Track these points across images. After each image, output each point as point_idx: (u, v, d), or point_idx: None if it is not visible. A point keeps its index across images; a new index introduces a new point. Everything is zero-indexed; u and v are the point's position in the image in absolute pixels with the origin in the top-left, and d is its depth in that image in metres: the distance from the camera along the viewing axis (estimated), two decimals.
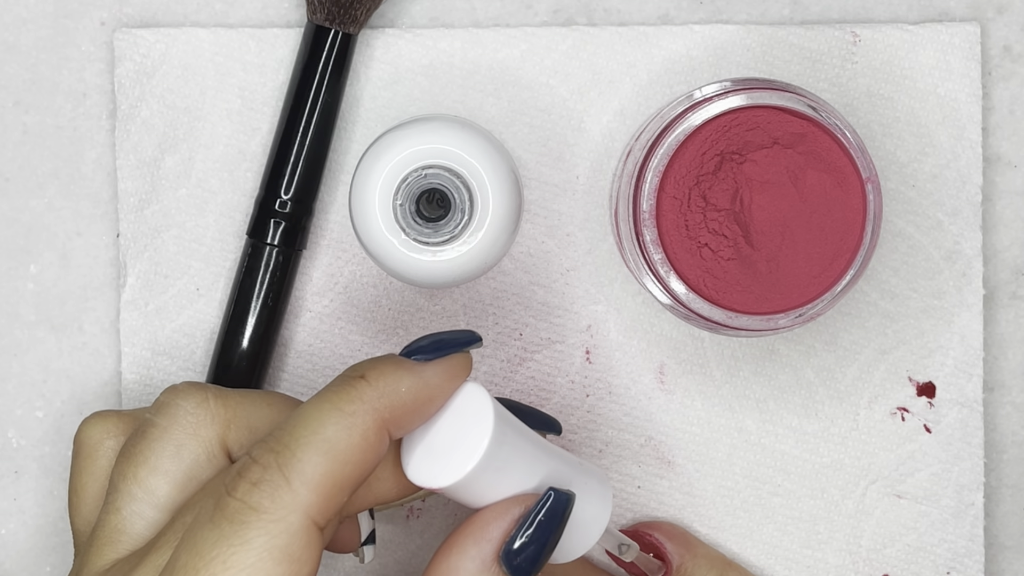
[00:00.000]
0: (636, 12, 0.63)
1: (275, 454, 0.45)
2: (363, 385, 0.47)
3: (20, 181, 0.63)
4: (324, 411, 0.46)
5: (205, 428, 0.50)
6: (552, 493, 0.48)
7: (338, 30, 0.61)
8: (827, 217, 0.55)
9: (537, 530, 0.48)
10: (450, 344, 0.49)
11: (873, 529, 0.63)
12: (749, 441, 0.63)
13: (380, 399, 0.47)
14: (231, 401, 0.51)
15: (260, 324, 0.61)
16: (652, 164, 0.55)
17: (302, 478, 0.45)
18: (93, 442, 0.52)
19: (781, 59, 0.62)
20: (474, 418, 0.48)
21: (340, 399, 0.46)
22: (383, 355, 0.49)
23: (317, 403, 0.47)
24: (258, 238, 0.61)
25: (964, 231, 0.62)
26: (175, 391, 0.51)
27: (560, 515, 0.48)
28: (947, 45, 0.62)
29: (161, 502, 0.49)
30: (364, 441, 0.46)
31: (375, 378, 0.47)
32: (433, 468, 0.48)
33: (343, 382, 0.47)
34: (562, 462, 0.51)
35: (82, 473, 0.52)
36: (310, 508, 0.45)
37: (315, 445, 0.45)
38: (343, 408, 0.46)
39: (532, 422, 0.53)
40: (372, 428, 0.46)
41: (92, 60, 0.63)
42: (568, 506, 0.49)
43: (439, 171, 0.56)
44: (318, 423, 0.46)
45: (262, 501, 0.44)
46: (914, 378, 0.63)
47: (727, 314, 0.55)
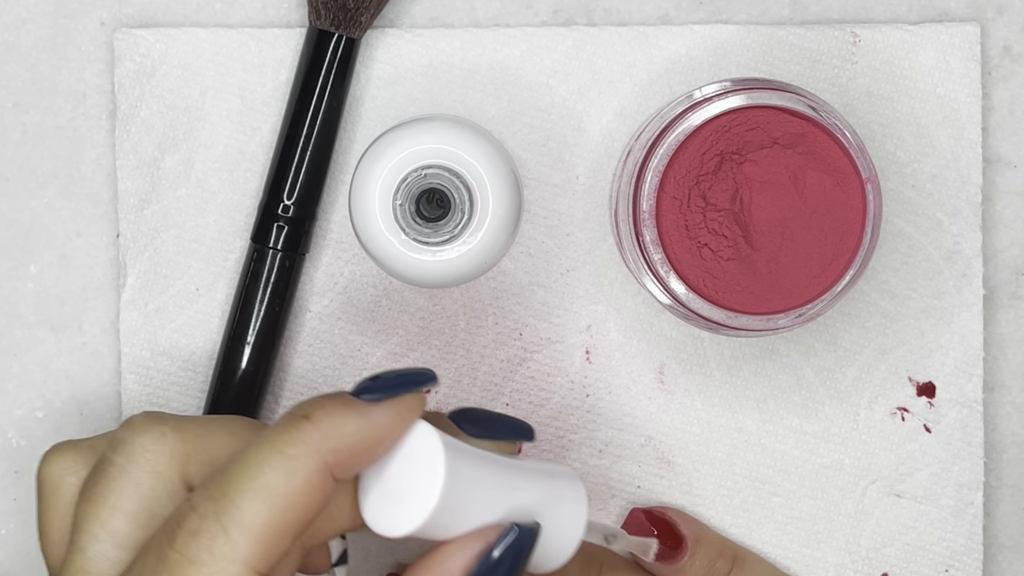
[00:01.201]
0: (636, 12, 0.63)
1: (213, 502, 0.44)
2: (307, 426, 0.45)
3: (20, 181, 0.63)
4: (264, 454, 0.45)
5: (164, 464, 0.48)
6: (515, 528, 0.47)
7: (341, 35, 0.60)
8: (827, 217, 0.55)
9: (499, 566, 0.47)
10: (400, 384, 0.48)
11: (873, 528, 0.63)
12: (749, 441, 0.63)
13: (324, 441, 0.45)
14: (190, 434, 0.49)
15: (265, 329, 0.61)
16: (652, 164, 0.55)
17: (240, 527, 0.44)
18: (54, 479, 0.51)
19: (781, 59, 0.62)
20: (426, 461, 0.46)
21: (282, 441, 0.45)
22: (331, 393, 0.47)
23: (258, 445, 0.45)
24: (261, 243, 0.61)
25: (964, 231, 0.62)
26: (132, 427, 0.49)
27: (524, 549, 0.47)
28: (947, 45, 0.62)
29: (124, 541, 0.48)
30: (306, 486, 0.45)
31: (320, 419, 0.45)
32: (389, 514, 0.47)
33: (287, 422, 0.46)
34: (528, 481, 0.49)
35: (47, 511, 0.51)
36: (250, 558, 0.44)
37: (254, 491, 0.44)
38: (284, 451, 0.45)
39: (501, 432, 0.52)
40: (315, 472, 0.45)
41: (92, 60, 0.63)
42: (532, 539, 0.47)
43: (439, 171, 0.56)
44: (258, 467, 0.44)
45: (200, 554, 0.43)
46: (914, 378, 0.63)
47: (727, 314, 0.55)
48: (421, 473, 0.46)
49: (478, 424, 0.51)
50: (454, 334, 0.63)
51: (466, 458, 0.47)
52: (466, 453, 0.47)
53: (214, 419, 0.51)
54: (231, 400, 0.61)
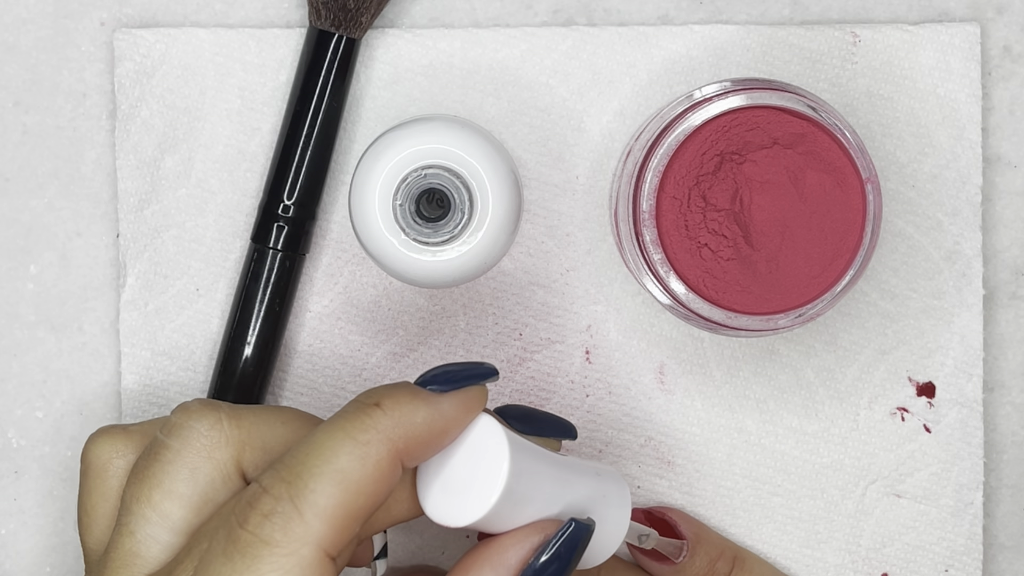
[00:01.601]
0: (636, 12, 0.63)
1: (287, 484, 0.45)
2: (378, 414, 0.46)
3: (20, 181, 0.63)
4: (338, 439, 0.45)
5: (219, 450, 0.49)
6: (573, 524, 0.48)
7: (342, 35, 0.60)
8: (827, 217, 0.55)
9: (556, 560, 0.48)
10: (467, 376, 0.49)
11: (872, 528, 0.63)
12: (749, 441, 0.63)
13: (395, 429, 0.46)
14: (245, 421, 0.50)
15: (265, 329, 0.61)
16: (652, 164, 0.55)
17: (315, 510, 0.44)
18: (102, 461, 0.51)
19: (781, 59, 0.62)
20: (490, 454, 0.47)
21: (354, 427, 0.46)
22: (399, 383, 0.48)
23: (330, 430, 0.46)
24: (261, 243, 0.61)
25: (964, 231, 0.62)
26: (187, 411, 0.50)
27: (579, 544, 0.48)
28: (947, 45, 0.62)
29: (176, 525, 0.48)
30: (378, 471, 0.45)
31: (391, 407, 0.46)
32: (451, 506, 0.47)
33: (357, 409, 0.46)
34: (580, 477, 0.50)
35: (92, 493, 0.52)
36: (323, 540, 0.44)
37: (328, 475, 0.45)
38: (357, 437, 0.45)
39: (547, 430, 0.52)
40: (386, 458, 0.46)
41: (92, 60, 0.63)
42: (587, 535, 0.48)
43: (439, 171, 0.56)
44: (331, 452, 0.45)
45: (274, 534, 0.44)
46: (914, 378, 0.63)
47: (727, 314, 0.55)
48: (484, 465, 0.47)
49: (525, 420, 0.52)
50: (454, 334, 0.63)
51: (526, 453, 0.48)
52: (526, 448, 0.48)
53: (267, 408, 0.51)
54: (231, 400, 0.61)
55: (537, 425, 0.52)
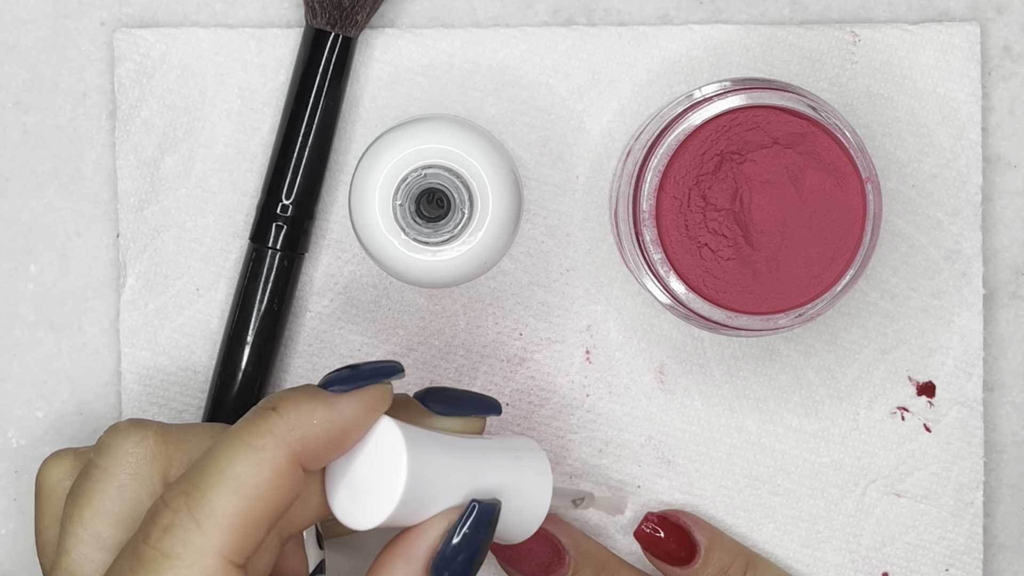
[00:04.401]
0: (636, 12, 0.63)
1: (184, 496, 0.45)
2: (274, 417, 0.46)
3: (20, 181, 0.63)
4: (234, 447, 0.45)
5: (145, 467, 0.49)
6: (475, 505, 0.48)
7: (338, 34, 0.60)
8: (827, 217, 0.55)
9: (463, 542, 0.48)
10: (369, 375, 0.49)
11: (873, 528, 0.63)
12: (749, 441, 0.63)
13: (291, 432, 0.46)
14: (172, 437, 0.50)
15: (264, 329, 0.61)
16: (652, 164, 0.55)
17: (212, 519, 0.44)
18: (51, 483, 0.52)
19: (781, 59, 0.62)
20: (391, 456, 0.47)
21: (250, 433, 0.46)
22: (300, 386, 0.48)
23: (227, 439, 0.46)
24: (260, 243, 0.61)
25: (964, 231, 0.62)
26: (115, 431, 0.50)
27: (486, 523, 0.49)
28: (947, 45, 0.62)
29: (107, 543, 0.49)
30: (275, 476, 0.45)
31: (287, 410, 0.46)
32: (356, 508, 0.48)
33: (254, 415, 0.46)
34: (492, 459, 0.50)
35: (43, 515, 0.52)
36: (224, 549, 0.44)
37: (224, 484, 0.45)
38: (252, 443, 0.45)
39: (468, 409, 0.52)
40: (283, 462, 0.46)
41: (92, 60, 0.63)
42: (493, 513, 0.49)
43: (439, 171, 0.56)
44: (227, 460, 0.45)
45: (174, 547, 0.44)
46: (914, 378, 0.63)
47: (727, 314, 0.55)
48: (385, 467, 0.47)
49: (444, 403, 0.52)
50: (454, 334, 0.63)
51: (430, 448, 0.48)
52: (430, 442, 0.48)
53: (198, 425, 0.51)
54: (231, 400, 0.61)
55: (457, 406, 0.52)
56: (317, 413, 0.46)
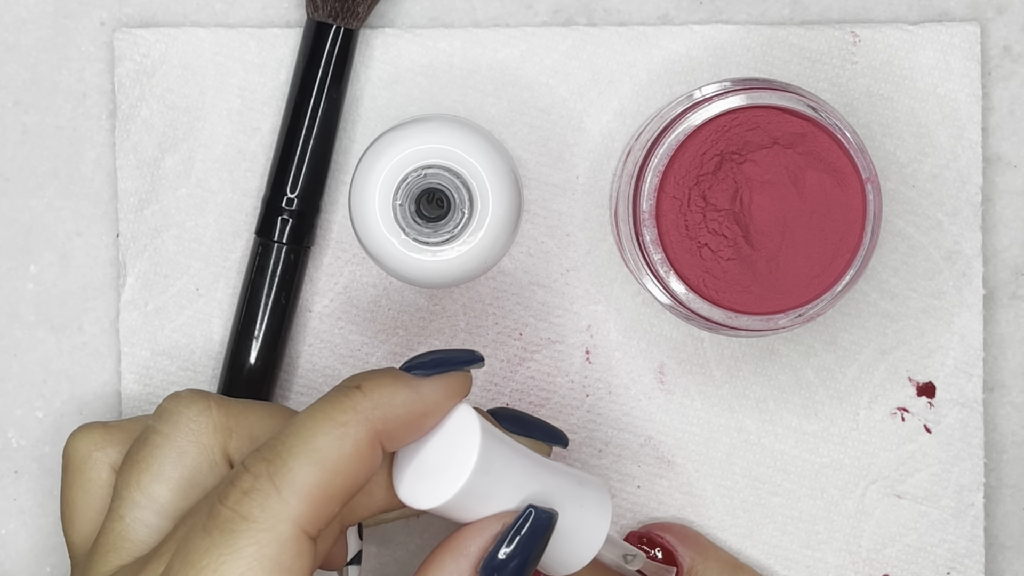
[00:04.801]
0: (636, 12, 0.63)
1: (266, 463, 0.45)
2: (358, 395, 0.47)
3: (20, 181, 0.63)
4: (317, 420, 0.46)
5: (207, 436, 0.50)
6: (532, 511, 0.48)
7: (339, 26, 0.61)
8: (827, 217, 0.55)
9: (516, 547, 0.48)
10: (450, 362, 0.49)
11: (873, 529, 0.63)
12: (749, 441, 0.63)
13: (374, 410, 0.47)
14: (233, 410, 0.51)
15: (272, 323, 0.61)
16: (652, 164, 0.55)
17: (292, 487, 0.45)
18: (81, 455, 0.52)
19: (781, 59, 0.62)
20: (463, 441, 0.48)
21: (334, 409, 0.46)
22: (383, 368, 0.49)
23: (311, 412, 0.46)
24: (266, 236, 0.61)
25: (964, 231, 0.62)
26: (178, 398, 0.51)
27: (541, 532, 0.48)
28: (947, 45, 0.62)
29: (164, 508, 0.49)
30: (356, 452, 0.46)
31: (370, 389, 0.47)
32: (421, 488, 0.48)
33: (338, 392, 0.47)
34: (558, 478, 0.50)
35: (72, 486, 0.52)
36: (300, 518, 0.45)
37: (306, 455, 0.45)
38: (336, 418, 0.46)
39: (536, 433, 0.53)
40: (364, 439, 0.46)
41: (92, 60, 0.63)
42: (550, 523, 0.48)
43: (439, 171, 0.56)
44: (310, 432, 0.46)
45: (252, 510, 0.44)
46: (914, 378, 0.63)
47: (727, 314, 0.55)
48: (456, 451, 0.48)
49: (516, 422, 0.53)
50: (454, 334, 0.63)
51: (500, 445, 0.48)
52: (501, 441, 0.49)
53: (256, 402, 0.53)
54: (240, 396, 0.61)
55: (526, 427, 0.53)
56: (400, 394, 0.47)
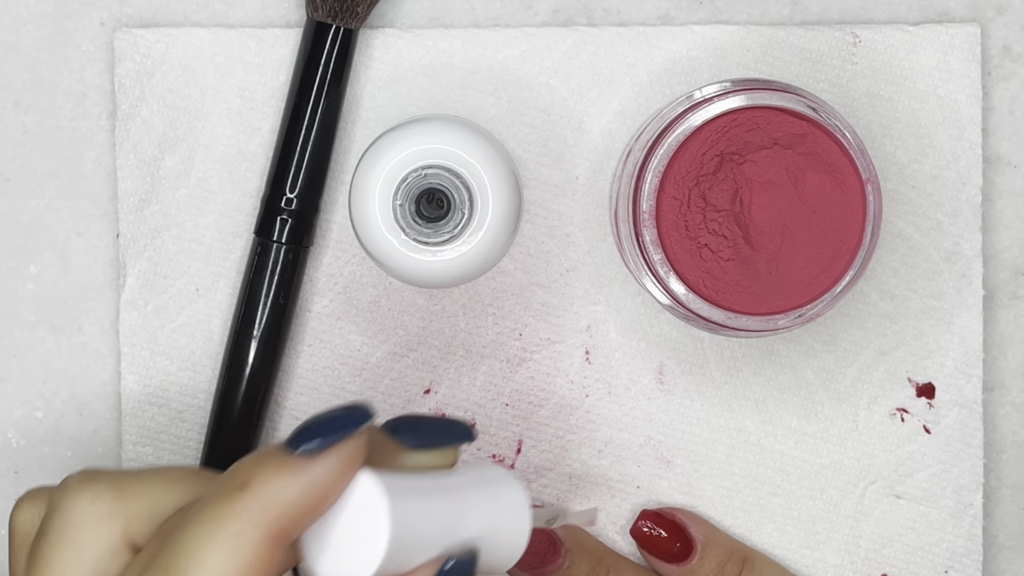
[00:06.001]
0: (636, 12, 0.63)
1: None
2: (246, 498, 0.43)
3: (20, 181, 0.63)
4: (206, 535, 0.43)
5: (103, 526, 0.47)
6: (452, 562, 0.46)
7: (339, 26, 0.61)
8: (827, 218, 0.55)
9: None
10: (339, 427, 0.45)
11: (872, 529, 0.63)
12: (748, 441, 0.63)
13: (267, 511, 0.43)
14: (127, 492, 0.48)
15: (271, 323, 0.61)
16: (652, 164, 0.55)
17: None
18: (24, 529, 0.49)
19: (781, 60, 0.62)
20: (371, 511, 0.45)
21: (222, 518, 0.43)
22: (266, 452, 0.45)
23: (198, 524, 0.43)
24: (265, 236, 0.61)
25: (964, 232, 0.62)
26: (67, 489, 0.48)
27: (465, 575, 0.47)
28: (947, 46, 0.62)
29: None
30: (256, 562, 0.43)
31: (258, 488, 0.43)
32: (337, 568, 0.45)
33: (224, 495, 0.43)
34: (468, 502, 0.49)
35: (13, 558, 0.50)
36: None
37: None
38: (226, 530, 0.43)
39: (441, 439, 0.50)
40: (262, 545, 0.43)
41: (92, 60, 0.63)
42: (472, 565, 0.47)
43: (439, 171, 0.56)
44: (202, 552, 0.43)
45: None
46: (913, 379, 0.63)
47: (726, 315, 0.55)
48: (367, 523, 0.45)
49: (417, 434, 0.49)
50: (454, 334, 0.63)
51: (411, 499, 0.46)
52: (410, 492, 0.46)
53: (153, 471, 0.49)
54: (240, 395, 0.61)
55: (428, 437, 0.49)
56: (291, 486, 0.44)
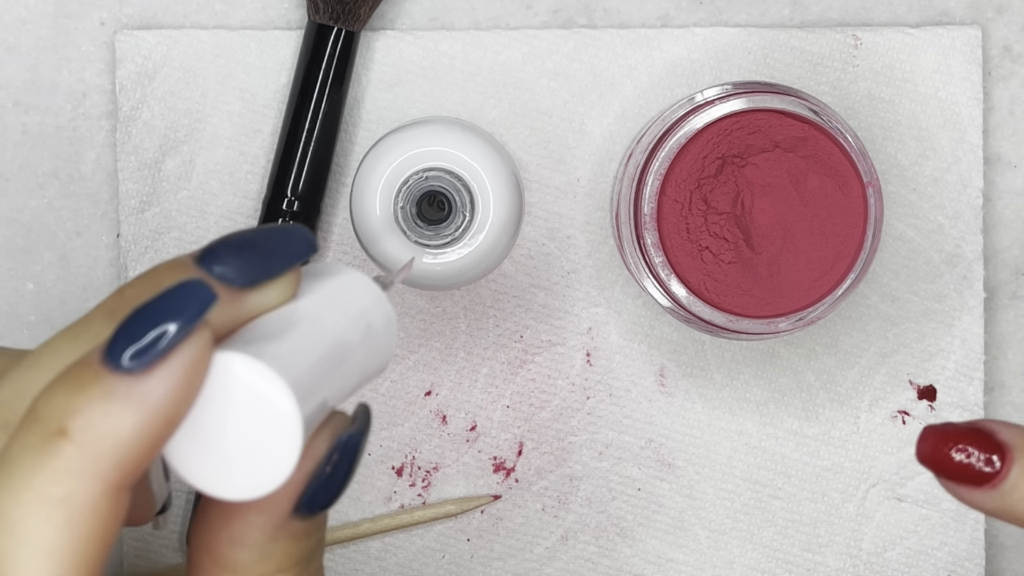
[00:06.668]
0: (636, 12, 0.63)
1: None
2: (68, 449, 0.34)
3: (20, 181, 0.63)
4: (30, 509, 0.34)
5: None
6: (341, 444, 0.39)
7: (341, 28, 0.60)
8: (828, 220, 0.55)
9: (331, 481, 0.39)
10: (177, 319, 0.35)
11: (874, 532, 0.63)
12: (749, 444, 0.63)
13: (99, 461, 0.34)
14: None
15: None
16: (653, 167, 0.55)
17: None
18: None
19: (782, 62, 0.62)
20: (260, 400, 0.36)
21: (44, 481, 0.34)
22: (79, 376, 0.35)
23: (16, 495, 0.34)
24: None
25: (965, 234, 0.62)
26: None
27: (355, 453, 0.39)
28: (948, 48, 0.62)
29: None
30: (97, 524, 0.34)
31: (82, 432, 0.34)
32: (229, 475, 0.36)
33: (38, 448, 0.34)
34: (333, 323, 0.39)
35: None
36: None
37: (36, 561, 0.34)
38: (51, 493, 0.34)
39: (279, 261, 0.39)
40: (101, 503, 0.34)
41: (92, 60, 0.63)
42: (362, 441, 0.39)
43: (440, 173, 0.56)
44: (28, 529, 0.34)
45: None
46: (915, 381, 0.63)
47: (728, 317, 0.56)
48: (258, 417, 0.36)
49: (247, 264, 0.38)
50: (455, 336, 0.63)
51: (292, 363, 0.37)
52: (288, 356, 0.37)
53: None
54: None
55: (266, 262, 0.38)
56: (124, 420, 0.34)
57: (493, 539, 0.63)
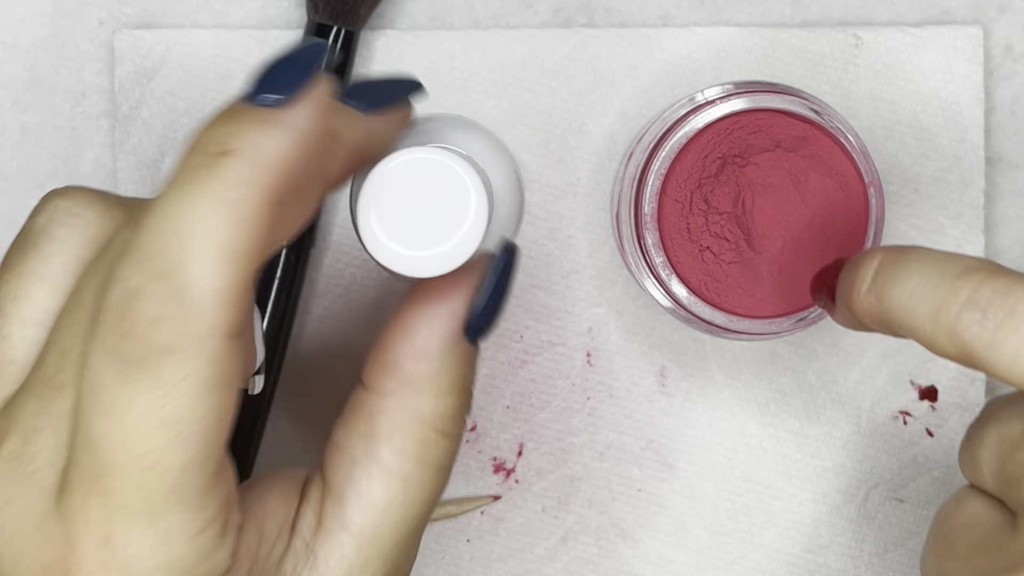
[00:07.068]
0: (636, 12, 0.63)
1: (164, 279, 0.37)
2: (234, 163, 0.38)
3: (19, 181, 0.63)
4: (207, 209, 0.37)
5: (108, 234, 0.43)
6: (504, 254, 0.45)
7: (340, 28, 0.60)
8: (829, 221, 0.55)
9: (496, 293, 0.44)
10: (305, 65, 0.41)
11: (875, 534, 0.63)
12: (750, 444, 0.63)
13: (262, 174, 0.38)
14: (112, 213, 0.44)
15: (272, 325, 0.61)
16: (654, 167, 0.55)
17: (206, 298, 0.37)
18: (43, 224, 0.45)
19: (783, 62, 0.62)
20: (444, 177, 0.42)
21: (217, 187, 0.37)
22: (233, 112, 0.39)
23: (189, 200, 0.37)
24: None
25: (966, 235, 0.62)
26: (69, 196, 0.44)
27: (510, 271, 0.45)
28: (949, 48, 0.62)
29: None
30: (262, 229, 0.38)
31: (245, 149, 0.38)
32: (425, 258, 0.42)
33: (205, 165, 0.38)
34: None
35: None
36: (225, 327, 0.37)
37: (210, 256, 0.37)
38: (223, 196, 0.37)
39: (396, 92, 0.46)
40: (266, 210, 0.38)
41: (91, 60, 0.63)
42: (514, 262, 0.45)
43: None
44: (204, 225, 0.37)
45: (170, 340, 0.37)
46: (916, 382, 0.63)
47: (728, 317, 0.56)
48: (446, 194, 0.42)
49: (370, 97, 0.44)
50: None
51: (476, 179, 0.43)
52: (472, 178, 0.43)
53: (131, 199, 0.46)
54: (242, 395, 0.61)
55: (385, 94, 0.45)
56: (278, 143, 0.38)
57: (493, 540, 0.63)
